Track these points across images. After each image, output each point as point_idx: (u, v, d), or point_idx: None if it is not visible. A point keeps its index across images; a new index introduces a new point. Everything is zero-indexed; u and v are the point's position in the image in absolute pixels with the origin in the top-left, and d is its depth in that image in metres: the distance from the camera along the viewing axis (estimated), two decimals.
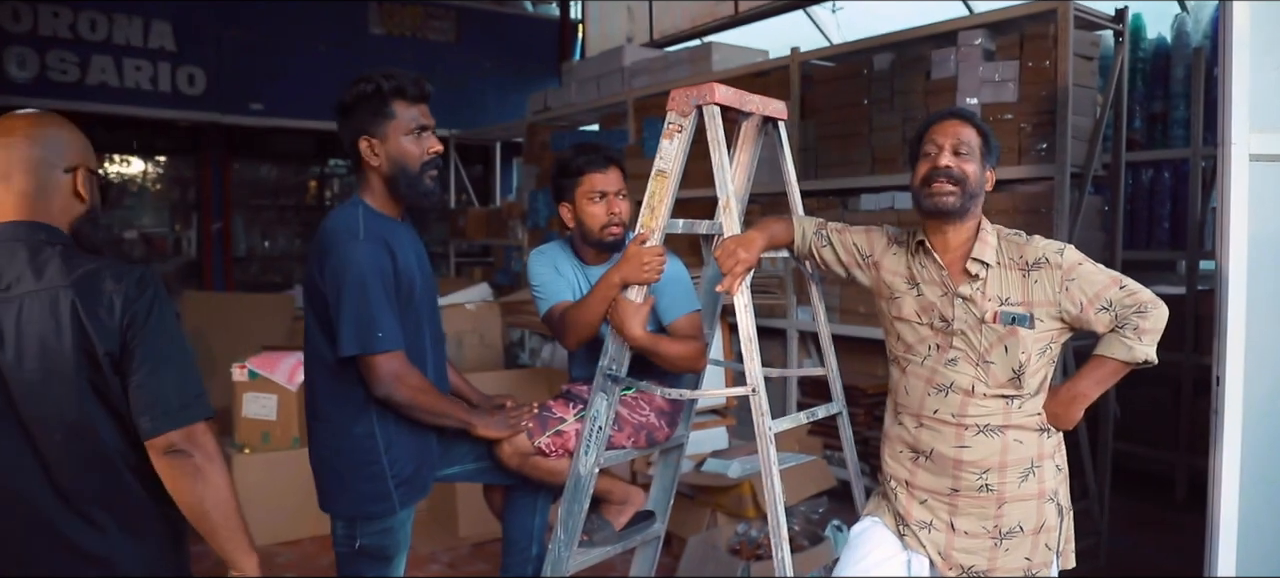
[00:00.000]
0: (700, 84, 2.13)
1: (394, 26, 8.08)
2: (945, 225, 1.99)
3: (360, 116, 2.04)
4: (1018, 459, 1.96)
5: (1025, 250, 1.96)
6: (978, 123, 2.00)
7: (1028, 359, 1.93)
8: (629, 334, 2.18)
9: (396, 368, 1.98)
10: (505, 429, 2.23)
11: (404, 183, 2.06)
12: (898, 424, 2.09)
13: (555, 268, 2.47)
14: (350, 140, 2.07)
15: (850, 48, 4.39)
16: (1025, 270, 1.94)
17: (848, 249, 2.20)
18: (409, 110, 2.06)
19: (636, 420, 2.40)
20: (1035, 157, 3.58)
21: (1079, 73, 3.54)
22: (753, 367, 2.01)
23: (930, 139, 2.00)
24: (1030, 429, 1.97)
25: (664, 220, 2.16)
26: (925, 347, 2.02)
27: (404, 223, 2.16)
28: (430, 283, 2.22)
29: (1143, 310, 1.88)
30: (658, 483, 2.65)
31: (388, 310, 1.98)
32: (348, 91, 2.05)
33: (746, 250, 2.07)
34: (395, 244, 2.04)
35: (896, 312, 2.08)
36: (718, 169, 2.07)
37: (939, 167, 1.95)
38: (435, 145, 2.11)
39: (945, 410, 1.98)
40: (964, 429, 1.96)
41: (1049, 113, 3.53)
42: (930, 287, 2.03)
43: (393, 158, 2.05)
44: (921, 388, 2.02)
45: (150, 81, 7.00)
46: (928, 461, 2.01)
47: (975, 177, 1.96)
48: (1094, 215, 3.78)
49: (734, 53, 5.15)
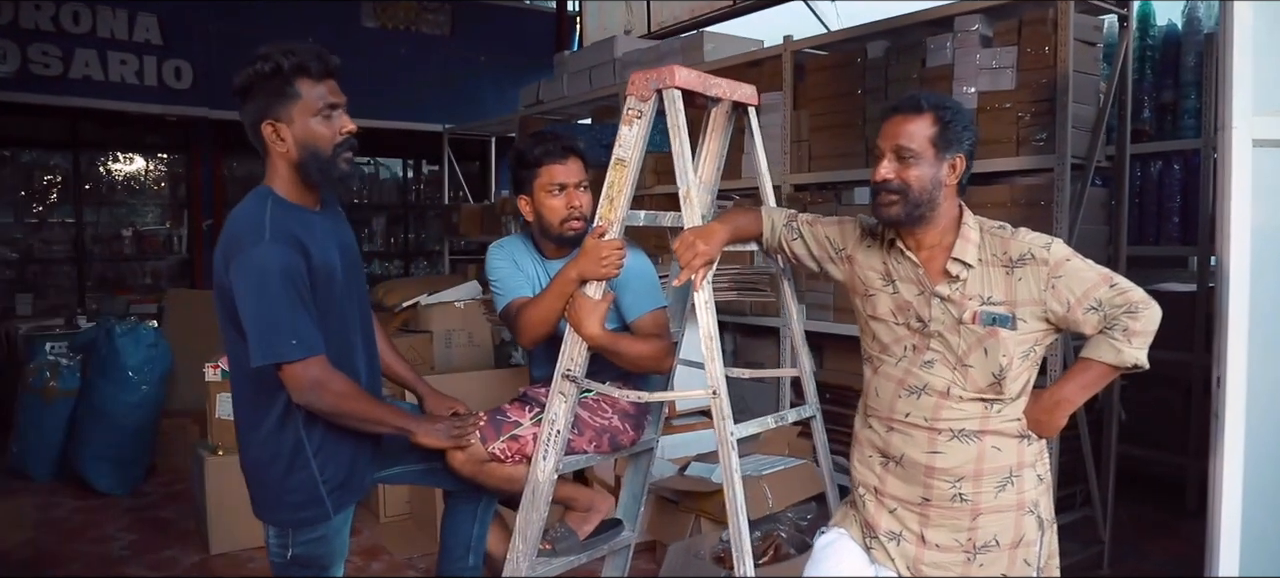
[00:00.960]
0: (662, 68, 1.99)
1: (387, 19, 7.95)
2: (913, 227, 1.84)
3: (261, 99, 1.87)
4: (995, 467, 1.81)
5: (1010, 245, 1.81)
6: (932, 108, 1.82)
7: (1009, 362, 1.78)
8: (586, 333, 2.04)
9: (316, 375, 1.84)
10: (448, 439, 2.09)
11: (315, 168, 1.90)
12: (867, 427, 1.95)
13: (514, 262, 2.35)
14: (252, 125, 1.90)
15: (844, 35, 4.23)
16: (1009, 267, 1.79)
17: (820, 242, 2.05)
18: (315, 88, 1.88)
19: (598, 424, 2.26)
20: (1034, 147, 3.42)
21: (1081, 59, 3.37)
22: (713, 368, 1.87)
23: (878, 139, 1.85)
24: (1009, 435, 1.83)
25: (623, 212, 2.02)
26: (901, 347, 1.88)
27: (321, 212, 2.00)
28: (357, 275, 2.07)
29: (1134, 310, 1.72)
30: (626, 489, 2.51)
31: (302, 313, 1.83)
32: (243, 72, 1.86)
33: (706, 243, 1.93)
34: (308, 238, 1.88)
35: (871, 310, 1.93)
36: (677, 157, 1.94)
37: (876, 180, 1.81)
38: (348, 125, 1.93)
39: (917, 414, 1.84)
40: (937, 434, 1.82)
41: (1048, 101, 3.36)
42: (906, 285, 1.88)
43: (301, 142, 1.88)
44: (892, 389, 1.88)
45: (136, 75, 6.89)
46: (898, 466, 1.87)
47: (922, 181, 1.80)
48: (1097, 209, 3.61)
49: (727, 42, 5.01)
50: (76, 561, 3.86)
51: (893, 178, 1.80)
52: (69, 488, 4.84)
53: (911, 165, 1.79)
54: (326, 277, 1.91)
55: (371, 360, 2.10)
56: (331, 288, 1.93)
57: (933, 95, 1.85)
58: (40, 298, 7.40)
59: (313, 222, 1.94)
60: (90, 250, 7.74)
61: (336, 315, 1.95)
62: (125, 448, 4.78)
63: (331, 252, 1.95)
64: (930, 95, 1.85)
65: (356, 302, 2.05)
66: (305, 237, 1.87)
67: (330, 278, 1.93)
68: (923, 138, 1.79)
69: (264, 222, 1.84)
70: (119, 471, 4.78)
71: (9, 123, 7.18)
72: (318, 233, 1.93)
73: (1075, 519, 3.46)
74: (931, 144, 1.80)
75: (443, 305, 5.08)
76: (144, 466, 4.95)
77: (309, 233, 1.89)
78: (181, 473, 4.83)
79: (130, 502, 4.69)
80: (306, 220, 1.92)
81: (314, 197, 1.98)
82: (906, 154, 1.79)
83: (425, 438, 2.05)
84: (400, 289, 5.91)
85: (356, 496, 2.05)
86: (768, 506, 3.36)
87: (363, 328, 2.06)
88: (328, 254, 1.93)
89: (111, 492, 4.74)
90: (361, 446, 2.04)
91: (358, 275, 2.08)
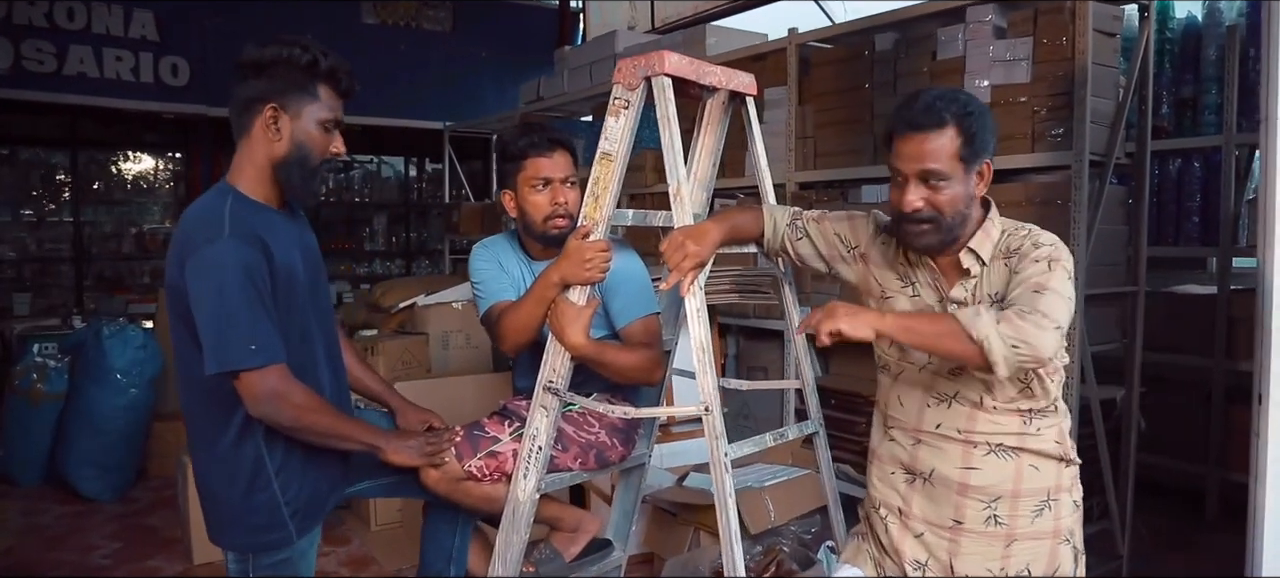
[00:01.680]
0: (650, 54, 1.84)
1: (388, 16, 7.82)
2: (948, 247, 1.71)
3: (277, 81, 1.76)
4: (1032, 489, 1.66)
5: (1013, 239, 1.66)
6: (954, 118, 1.62)
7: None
8: (569, 342, 1.89)
9: (276, 385, 1.70)
10: (421, 457, 1.94)
11: (298, 174, 1.80)
12: (889, 440, 1.79)
13: (498, 263, 2.20)
14: (249, 101, 1.77)
15: (850, 27, 4.07)
16: (1007, 259, 1.65)
17: (829, 240, 1.89)
18: (332, 99, 1.83)
19: (584, 439, 2.11)
20: (1051, 143, 3.26)
21: (1099, 51, 3.20)
22: (706, 381, 1.72)
23: (896, 160, 1.66)
24: (1048, 456, 1.67)
25: (609, 210, 1.87)
26: (924, 354, 1.72)
27: (284, 213, 1.87)
28: (319, 281, 1.94)
29: (1034, 316, 1.48)
30: (617, 507, 2.37)
31: (262, 317, 1.69)
32: (268, 48, 1.76)
33: (697, 244, 1.77)
34: (271, 238, 1.75)
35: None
36: (667, 151, 1.79)
37: (904, 212, 1.64)
38: (340, 146, 1.86)
39: (949, 425, 1.68)
40: (972, 448, 1.67)
41: (1066, 94, 3.20)
42: (925, 289, 1.73)
43: (298, 141, 1.78)
44: (919, 398, 1.72)
45: (132, 72, 6.77)
46: (927, 484, 1.71)
47: (955, 203, 1.62)
48: (1116, 208, 3.45)
49: (730, 35, 4.85)
50: (57, 570, 3.75)
51: (923, 207, 1.62)
52: (55, 493, 4.74)
53: (941, 189, 1.62)
54: (288, 280, 1.79)
55: (337, 373, 1.96)
56: (294, 293, 1.81)
57: (948, 97, 1.65)
58: (40, 297, 7.31)
59: (275, 221, 1.82)
60: (89, 249, 7.63)
61: (298, 323, 1.82)
62: (113, 453, 4.68)
63: (293, 254, 1.82)
64: (946, 98, 1.65)
65: (319, 309, 1.92)
66: (268, 235, 1.75)
67: (292, 282, 1.80)
68: (949, 155, 1.61)
69: (223, 217, 1.71)
70: (106, 476, 4.67)
71: (5, 121, 7.08)
72: (280, 233, 1.80)
73: (1093, 533, 3.30)
74: (959, 160, 1.61)
75: (440, 306, 4.95)
76: (133, 471, 4.84)
77: (272, 232, 1.77)
78: (172, 479, 4.71)
79: (117, 508, 4.58)
80: (269, 219, 1.80)
81: (279, 197, 1.85)
82: (934, 177, 1.61)
83: (396, 456, 1.91)
84: (398, 289, 5.78)
85: (321, 517, 1.91)
86: (769, 519, 3.21)
87: (325, 338, 1.93)
88: (289, 256, 1.80)
89: (98, 498, 4.64)
90: (328, 464, 1.90)
91: (320, 281, 1.96)
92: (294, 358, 1.77)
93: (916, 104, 1.64)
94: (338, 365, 1.98)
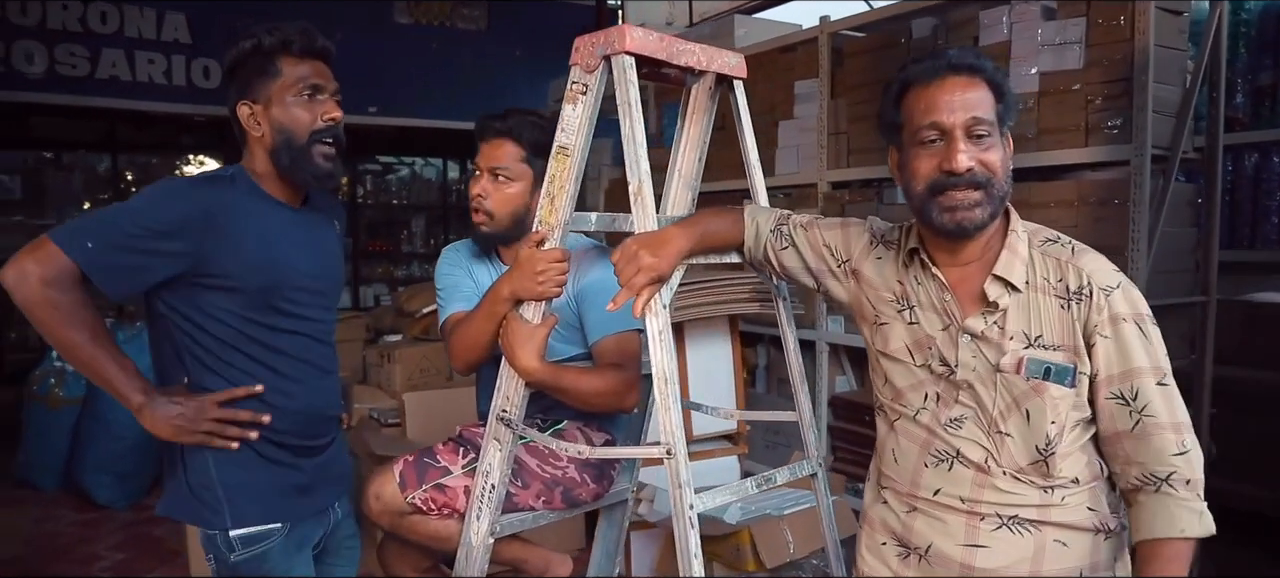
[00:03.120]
0: (610, 29, 1.57)
1: (422, 16, 7.68)
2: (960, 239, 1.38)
3: (241, 79, 1.70)
4: (1058, 571, 1.32)
5: (1068, 270, 1.32)
6: (986, 71, 1.35)
7: (1059, 432, 1.30)
8: (519, 365, 1.64)
9: (43, 260, 1.50)
10: (183, 428, 1.60)
11: (287, 156, 1.67)
12: (881, 504, 1.48)
13: (466, 270, 1.98)
14: (231, 110, 1.72)
15: (886, 13, 3.76)
16: (1066, 299, 1.31)
17: (816, 250, 1.59)
18: (297, 67, 1.69)
19: (548, 475, 1.85)
20: (1107, 136, 2.91)
21: (1164, 32, 2.85)
22: (668, 418, 1.44)
23: (928, 115, 1.33)
24: (1080, 529, 1.33)
25: (567, 214, 1.61)
26: (921, 396, 1.41)
27: (301, 211, 1.76)
28: (329, 294, 1.81)
29: (1183, 449, 1.26)
30: (599, 547, 2.11)
31: (116, 238, 1.53)
32: (229, 51, 1.72)
33: (654, 254, 1.48)
34: (259, 229, 1.64)
35: (882, 344, 1.47)
36: (627, 142, 1.52)
37: (957, 171, 1.31)
38: (332, 111, 1.71)
39: (950, 491, 1.37)
40: (979, 520, 1.35)
41: (1125, 81, 2.85)
42: (927, 313, 1.41)
43: (277, 126, 1.67)
44: (915, 455, 1.41)
45: (164, 75, 6.73)
46: (923, 561, 1.39)
47: (1004, 166, 1.33)
48: (1183, 208, 3.08)
49: (760, 26, 4.57)
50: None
51: (977, 167, 1.31)
52: (71, 500, 4.69)
53: (989, 146, 1.32)
54: (269, 277, 1.66)
55: (327, 386, 1.79)
56: (273, 291, 1.67)
57: (970, 51, 1.37)
58: None
59: (282, 217, 1.71)
60: None
61: (293, 328, 1.70)
62: (126, 460, 4.58)
63: (296, 252, 1.71)
64: (969, 51, 1.37)
65: (318, 327, 1.77)
66: (255, 225, 1.64)
67: (274, 281, 1.67)
68: (990, 109, 1.33)
69: (201, 177, 1.68)
70: (120, 483, 4.60)
71: (42, 125, 7.12)
72: (280, 230, 1.69)
73: None
74: (996, 117, 1.34)
75: None
76: (148, 478, 4.74)
77: (265, 228, 1.66)
78: None
79: (128, 516, 4.50)
80: (273, 214, 1.69)
81: (294, 193, 1.75)
82: (984, 129, 1.32)
83: (150, 421, 1.60)
84: (422, 294, 5.62)
85: (285, 518, 1.70)
86: (788, 552, 2.92)
87: (321, 357, 1.78)
88: (284, 254, 1.68)
89: (111, 505, 4.57)
90: (283, 473, 1.71)
91: (328, 299, 1.81)
92: (282, 369, 1.67)
93: (942, 54, 1.36)
94: (331, 376, 1.81)
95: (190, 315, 1.62)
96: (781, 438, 4.02)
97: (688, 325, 3.34)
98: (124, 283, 1.55)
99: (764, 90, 4.26)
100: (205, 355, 1.63)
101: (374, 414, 4.53)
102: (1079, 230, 2.92)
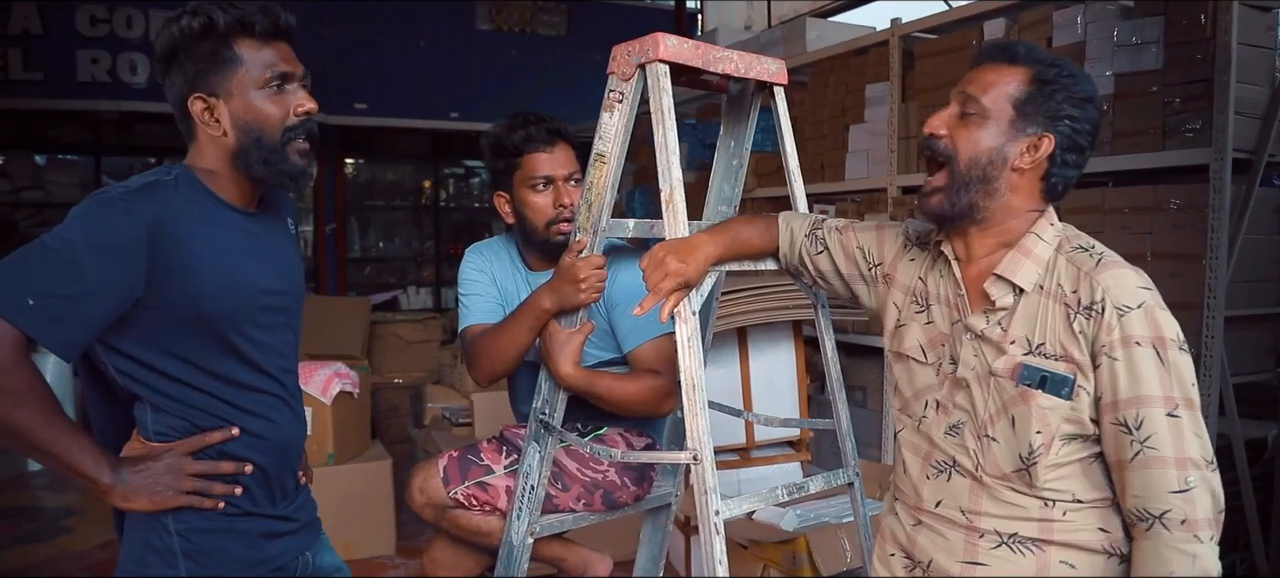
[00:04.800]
0: (645, 37, 1.59)
1: (502, 21, 7.81)
2: (957, 225, 1.36)
3: (189, 66, 1.39)
4: None
5: (1084, 282, 1.26)
6: (1031, 61, 1.30)
7: (1045, 445, 1.25)
8: (557, 373, 1.67)
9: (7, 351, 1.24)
10: (150, 499, 1.35)
11: (258, 158, 1.41)
12: (892, 515, 1.46)
13: (491, 275, 1.98)
14: (178, 102, 1.42)
15: (958, 15, 3.67)
16: (1073, 311, 1.25)
17: (849, 254, 1.57)
18: (260, 53, 1.40)
19: (588, 478, 1.87)
20: (1185, 139, 2.79)
21: (1248, 29, 2.72)
22: (696, 423, 1.45)
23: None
24: (1089, 550, 1.28)
25: (606, 221, 1.63)
26: (922, 403, 1.39)
27: (255, 215, 1.49)
28: (293, 311, 1.55)
29: (1185, 488, 1.18)
30: (644, 550, 2.12)
31: (53, 281, 1.26)
32: (166, 31, 1.40)
33: (681, 260, 1.48)
34: (204, 237, 1.38)
35: (897, 345, 1.46)
36: (660, 149, 1.53)
37: (924, 133, 1.32)
38: (306, 103, 1.43)
39: (950, 503, 1.34)
40: (978, 537, 1.31)
41: (1205, 81, 2.73)
42: (942, 309, 1.38)
43: (242, 123, 1.40)
44: (918, 468, 1.39)
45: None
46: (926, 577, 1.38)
47: (974, 147, 1.28)
48: (1268, 215, 2.92)
49: (832, 29, 4.52)
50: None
51: (942, 133, 1.31)
52: None
53: (971, 125, 1.29)
54: (221, 303, 1.40)
55: (298, 416, 1.55)
56: (224, 319, 1.41)
57: (1043, 52, 1.33)
58: None
59: (237, 226, 1.45)
60: None
61: (258, 358, 1.46)
62: None
63: (257, 266, 1.46)
64: (1037, 48, 1.33)
65: (281, 351, 1.51)
66: (209, 237, 1.39)
67: (227, 306, 1.41)
68: (1002, 94, 1.28)
69: (135, 185, 1.35)
70: None
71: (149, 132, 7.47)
72: (236, 241, 1.44)
73: None
74: (1011, 105, 1.28)
75: None
76: None
77: (221, 240, 1.41)
78: None
79: None
80: (227, 221, 1.43)
81: (250, 194, 1.48)
82: (972, 107, 1.29)
83: (122, 499, 1.34)
84: None
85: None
86: (845, 561, 2.88)
87: (288, 389, 1.53)
88: (245, 270, 1.43)
89: None
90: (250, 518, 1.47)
91: (289, 317, 1.54)
92: (248, 405, 1.44)
93: (986, 45, 1.35)
94: (298, 408, 1.56)
95: (140, 358, 1.37)
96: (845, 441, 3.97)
97: (750, 332, 3.33)
98: (78, 337, 1.30)
99: (835, 94, 4.22)
100: (163, 401, 1.38)
101: (446, 414, 4.64)
102: (1156, 238, 2.81)
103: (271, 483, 1.49)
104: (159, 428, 1.40)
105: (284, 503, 1.52)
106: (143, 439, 1.41)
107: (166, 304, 1.34)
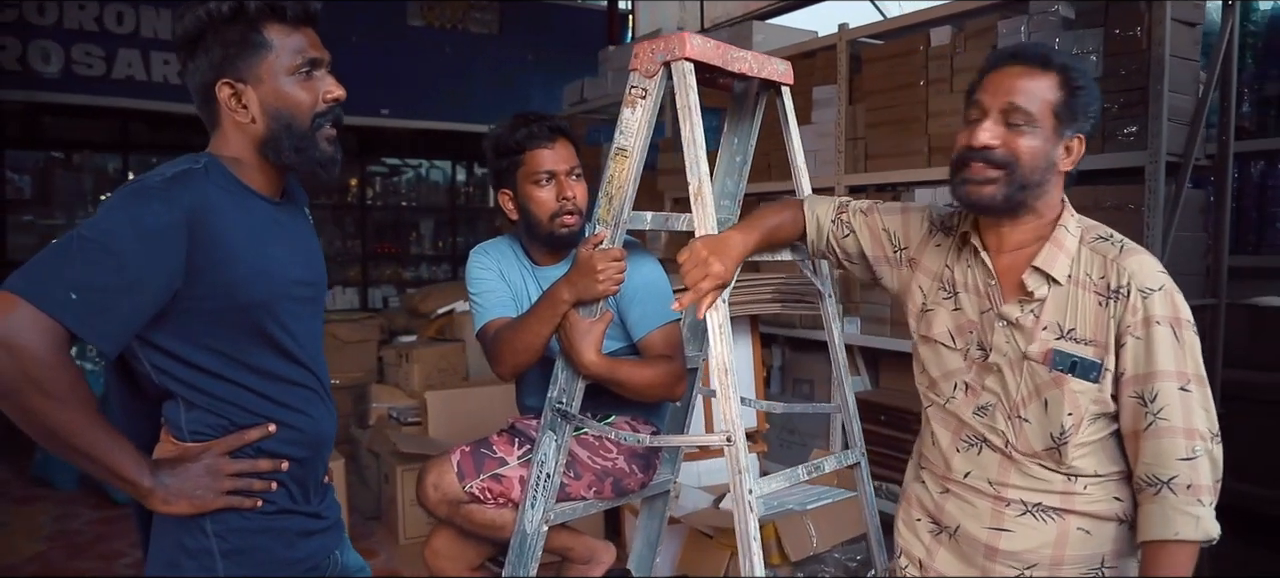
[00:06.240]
0: (670, 35, 1.65)
1: (434, 18, 7.74)
2: (1002, 219, 1.45)
3: (216, 51, 1.37)
4: (1082, 556, 1.40)
5: (1111, 268, 1.38)
6: (1060, 68, 1.40)
7: (1075, 424, 1.37)
8: (581, 361, 1.71)
9: (22, 331, 1.18)
10: (202, 497, 1.34)
11: (289, 145, 1.39)
12: (918, 482, 1.57)
13: (498, 272, 2.01)
14: (202, 87, 1.40)
15: (904, 21, 3.84)
16: (1104, 296, 1.37)
17: (876, 236, 1.65)
18: (290, 38, 1.39)
19: (599, 465, 1.92)
20: (1123, 142, 2.99)
21: (1178, 43, 2.93)
22: (729, 406, 1.52)
23: (980, 94, 1.42)
24: (1103, 518, 1.40)
25: (625, 213, 1.68)
26: (951, 384, 1.49)
27: (281, 205, 1.47)
28: (319, 300, 1.54)
29: (1192, 455, 1.31)
30: (640, 536, 2.18)
31: (95, 274, 1.22)
32: (188, 15, 1.37)
33: (721, 259, 1.54)
34: (237, 226, 1.36)
35: (924, 329, 1.55)
36: (688, 145, 1.59)
37: (974, 146, 1.39)
38: (334, 90, 1.43)
39: (979, 475, 1.44)
40: (1004, 505, 1.42)
41: (1140, 89, 2.93)
42: (971, 297, 1.48)
43: (272, 110, 1.37)
44: (949, 440, 1.49)
45: (180, 75, 6.75)
46: (953, 539, 1.48)
47: (1034, 156, 1.37)
48: (1194, 213, 3.16)
49: (777, 33, 4.64)
50: (81, 575, 3.68)
51: (998, 146, 1.38)
52: (90, 498, 4.70)
53: (1024, 133, 1.38)
54: (251, 291, 1.38)
55: (329, 407, 1.53)
56: (258, 308, 1.39)
57: (1061, 52, 1.43)
58: None
59: (265, 215, 1.43)
60: None
61: (291, 348, 1.44)
62: None
63: (286, 254, 1.44)
64: (1058, 51, 1.43)
65: (317, 332, 1.51)
66: (241, 225, 1.36)
67: (258, 295, 1.39)
68: (1043, 101, 1.38)
69: (169, 174, 1.32)
70: None
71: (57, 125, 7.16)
72: (266, 229, 1.41)
73: None
74: (1053, 113, 1.38)
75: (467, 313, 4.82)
76: None
77: (252, 228, 1.38)
78: None
79: None
80: (257, 211, 1.41)
81: (276, 183, 1.46)
82: (1020, 118, 1.38)
83: (164, 504, 1.33)
84: (437, 295, 5.69)
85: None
86: (811, 545, 3.00)
87: (320, 382, 1.52)
88: (276, 259, 1.42)
89: (130, 503, 4.58)
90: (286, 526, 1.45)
91: (313, 307, 1.52)
92: (283, 391, 1.42)
93: (1024, 43, 1.43)
94: (330, 400, 1.55)
95: (177, 353, 1.34)
96: (796, 437, 4.09)
97: None
98: (122, 331, 1.26)
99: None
100: (198, 398, 1.36)
101: (393, 413, 4.60)
102: None
103: (307, 479, 1.47)
104: (193, 427, 1.37)
105: (317, 499, 1.51)
106: (174, 439, 1.39)
107: (203, 295, 1.32)
